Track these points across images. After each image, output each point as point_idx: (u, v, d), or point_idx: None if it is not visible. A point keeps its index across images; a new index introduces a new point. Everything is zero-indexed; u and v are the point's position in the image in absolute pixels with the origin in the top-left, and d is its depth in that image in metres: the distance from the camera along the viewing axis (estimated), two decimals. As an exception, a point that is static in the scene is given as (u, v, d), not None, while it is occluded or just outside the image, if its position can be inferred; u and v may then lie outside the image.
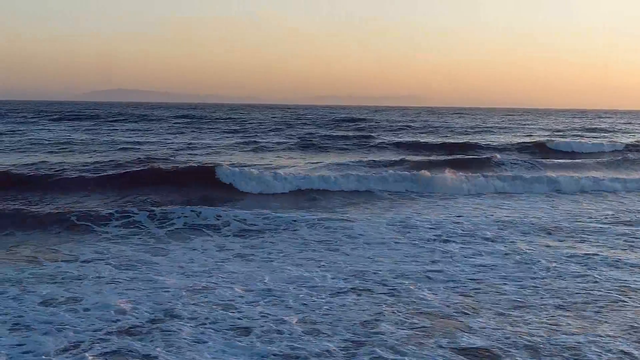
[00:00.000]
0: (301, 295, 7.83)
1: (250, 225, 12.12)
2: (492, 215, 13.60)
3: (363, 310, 7.30)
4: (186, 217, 12.49)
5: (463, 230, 11.80)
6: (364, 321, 6.91)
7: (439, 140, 34.99)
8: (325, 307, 7.40)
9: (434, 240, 10.98)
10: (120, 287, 8.20)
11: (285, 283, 8.39)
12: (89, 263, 9.44)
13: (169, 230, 11.84)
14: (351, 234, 11.39)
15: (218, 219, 12.42)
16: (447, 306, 7.41)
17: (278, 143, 30.25)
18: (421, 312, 7.22)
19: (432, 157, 24.57)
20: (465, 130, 47.66)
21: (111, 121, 51.61)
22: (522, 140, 35.72)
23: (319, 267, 9.22)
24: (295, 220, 12.42)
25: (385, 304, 7.52)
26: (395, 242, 10.75)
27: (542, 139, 36.51)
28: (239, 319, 7.02)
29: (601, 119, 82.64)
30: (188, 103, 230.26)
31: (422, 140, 33.41)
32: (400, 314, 7.17)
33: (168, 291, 7.99)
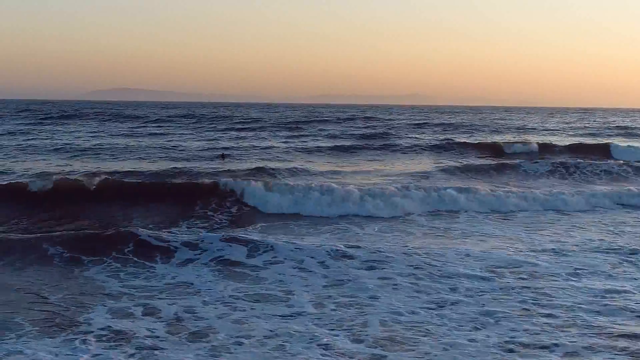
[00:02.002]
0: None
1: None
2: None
3: None
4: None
5: None
6: None
7: (492, 140, 33.93)
8: None
9: None
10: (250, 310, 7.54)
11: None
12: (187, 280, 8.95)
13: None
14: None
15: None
16: None
17: (327, 145, 28.95)
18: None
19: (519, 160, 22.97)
20: (500, 129, 46.78)
21: (135, 120, 50.56)
22: (576, 141, 34.17)
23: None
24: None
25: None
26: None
27: (590, 141, 35.08)
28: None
29: (615, 118, 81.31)
30: (197, 102, 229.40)
31: (481, 142, 31.99)
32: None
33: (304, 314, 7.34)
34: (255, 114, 73.46)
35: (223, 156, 23.67)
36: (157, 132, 38.42)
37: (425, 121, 58.23)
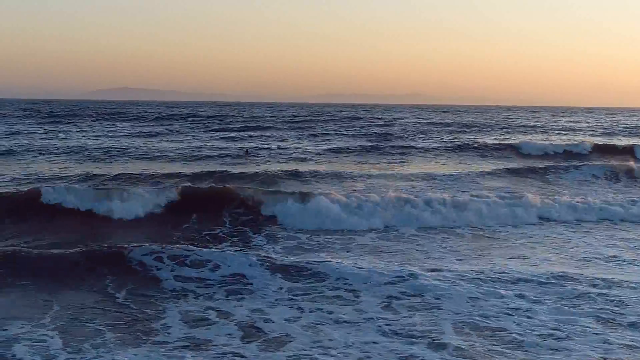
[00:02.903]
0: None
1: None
2: None
3: None
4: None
5: None
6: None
7: (518, 140, 32.30)
8: None
9: None
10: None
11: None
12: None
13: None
14: None
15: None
16: None
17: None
18: None
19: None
20: (517, 129, 45.69)
21: (149, 120, 49.62)
22: (597, 141, 32.27)
23: None
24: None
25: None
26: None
27: (615, 141, 33.95)
28: None
29: (621, 117, 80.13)
30: (199, 101, 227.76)
31: (509, 142, 30.06)
32: None
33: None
34: (264, 114, 72.86)
35: (247, 152, 24.10)
36: (173, 131, 38.01)
37: (436, 120, 57.58)
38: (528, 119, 68.02)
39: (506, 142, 30.81)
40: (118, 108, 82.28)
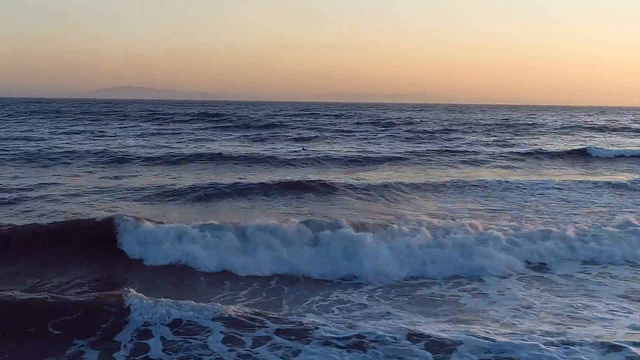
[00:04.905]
0: None
1: None
2: None
3: None
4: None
5: None
6: None
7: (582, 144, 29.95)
8: None
9: None
10: None
11: None
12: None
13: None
14: None
15: None
16: None
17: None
18: None
19: None
20: (556, 130, 44.41)
21: (179, 122, 47.89)
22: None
23: None
24: None
25: None
26: None
27: None
28: None
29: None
30: (204, 100, 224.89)
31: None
32: None
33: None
34: (277, 112, 71.27)
35: (303, 149, 25.89)
36: (206, 130, 37.15)
37: (462, 121, 55.92)
38: (558, 117, 66.28)
39: (576, 146, 28.62)
40: (129, 108, 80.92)
